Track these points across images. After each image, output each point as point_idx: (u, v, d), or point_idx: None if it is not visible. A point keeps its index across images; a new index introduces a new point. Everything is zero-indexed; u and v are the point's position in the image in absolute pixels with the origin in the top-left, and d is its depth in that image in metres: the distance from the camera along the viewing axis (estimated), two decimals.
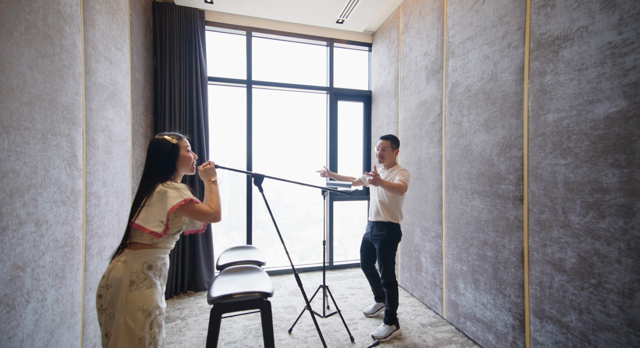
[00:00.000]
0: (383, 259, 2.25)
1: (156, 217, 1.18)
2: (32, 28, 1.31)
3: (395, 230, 2.27)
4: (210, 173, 1.40)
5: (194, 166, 1.38)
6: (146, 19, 2.90)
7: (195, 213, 1.24)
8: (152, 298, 1.18)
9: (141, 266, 1.18)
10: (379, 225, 2.30)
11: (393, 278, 2.26)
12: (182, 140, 1.36)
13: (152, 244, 1.22)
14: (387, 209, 2.27)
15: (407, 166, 2.99)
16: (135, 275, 1.16)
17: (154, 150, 1.28)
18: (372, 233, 2.35)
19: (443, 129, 2.46)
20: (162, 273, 1.27)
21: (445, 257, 2.43)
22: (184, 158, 1.33)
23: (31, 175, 1.29)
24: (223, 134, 3.74)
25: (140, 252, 1.19)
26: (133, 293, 1.14)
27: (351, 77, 4.02)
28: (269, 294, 1.54)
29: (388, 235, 2.25)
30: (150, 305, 1.17)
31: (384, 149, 2.32)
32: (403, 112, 3.08)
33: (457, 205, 2.27)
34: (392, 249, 2.27)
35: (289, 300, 2.87)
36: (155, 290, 1.20)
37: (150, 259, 1.21)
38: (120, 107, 2.26)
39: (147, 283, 1.17)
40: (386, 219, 2.26)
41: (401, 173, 2.17)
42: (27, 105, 1.27)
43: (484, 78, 2.02)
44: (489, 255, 1.98)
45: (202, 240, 3.15)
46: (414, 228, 2.88)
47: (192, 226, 1.30)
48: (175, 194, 1.19)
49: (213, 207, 1.30)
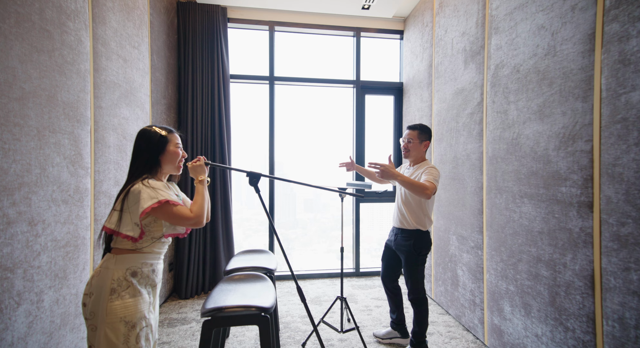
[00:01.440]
0: (410, 273, 1.93)
1: (132, 219, 1.06)
2: (25, 21, 1.27)
3: (423, 239, 1.93)
4: (198, 171, 1.25)
5: (181, 164, 1.24)
6: (169, 19, 2.91)
7: (171, 217, 1.10)
8: (135, 308, 1.05)
9: (124, 273, 1.06)
10: (404, 233, 1.97)
11: (422, 295, 1.94)
12: (172, 134, 1.22)
13: (135, 249, 1.10)
14: (412, 214, 1.93)
15: (441, 165, 2.62)
16: (117, 282, 1.04)
17: (138, 141, 1.16)
18: (396, 242, 2.02)
19: (484, 120, 2.07)
20: (151, 280, 1.14)
21: (486, 272, 2.05)
22: (171, 153, 1.19)
23: (23, 173, 1.25)
24: (245, 131, 3.68)
25: (123, 258, 1.08)
26: (114, 302, 1.02)
27: (380, 70, 3.71)
28: (267, 309, 1.35)
29: (415, 246, 1.91)
30: (133, 316, 1.04)
31: (410, 140, 1.93)
32: (437, 104, 2.71)
33: (502, 210, 1.88)
34: (421, 262, 1.93)
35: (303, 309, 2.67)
36: (141, 299, 1.07)
37: (135, 265, 1.09)
38: (137, 106, 2.25)
39: (130, 292, 1.05)
40: (412, 226, 1.93)
41: (429, 171, 1.81)
42: (18, 101, 1.23)
43: (537, 54, 1.63)
44: (544, 275, 1.58)
45: (222, 239, 3.10)
46: (449, 236, 2.50)
47: (172, 229, 1.16)
48: (149, 195, 1.06)
49: (194, 210, 1.15)
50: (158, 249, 1.16)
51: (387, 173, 1.73)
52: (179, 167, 1.23)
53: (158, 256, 1.17)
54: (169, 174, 1.25)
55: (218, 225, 3.07)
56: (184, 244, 2.93)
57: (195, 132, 3.02)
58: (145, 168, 1.13)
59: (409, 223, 1.94)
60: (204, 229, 3.04)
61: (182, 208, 1.12)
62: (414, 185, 1.70)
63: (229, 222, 3.13)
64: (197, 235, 2.99)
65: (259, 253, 2.23)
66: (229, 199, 3.12)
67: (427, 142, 1.95)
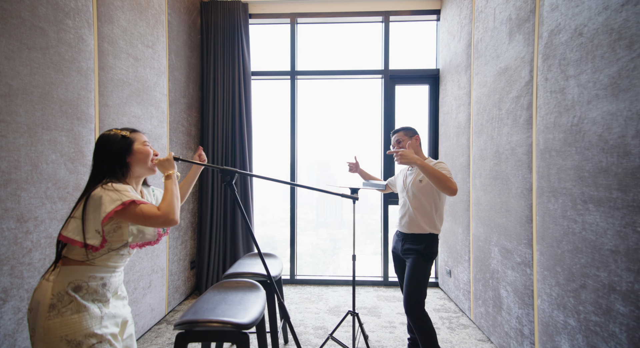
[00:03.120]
0: (412, 279, 1.65)
1: (92, 226, 0.95)
2: (13, 18, 1.27)
3: (436, 243, 1.71)
4: (165, 165, 1.12)
5: (154, 164, 1.12)
6: (190, 19, 2.93)
7: (139, 218, 0.97)
8: (79, 325, 0.93)
9: (65, 287, 0.94)
10: (414, 238, 1.72)
11: (422, 311, 1.63)
12: (137, 133, 1.12)
13: (84, 261, 0.98)
14: (425, 216, 1.68)
15: (480, 162, 2.19)
16: (57, 297, 0.92)
17: (97, 146, 1.06)
18: (403, 247, 1.77)
19: (533, 103, 1.63)
20: (100, 296, 1.00)
21: (537, 296, 1.61)
22: (139, 152, 1.08)
23: (10, 170, 1.26)
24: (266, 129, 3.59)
25: (68, 269, 0.96)
26: (53, 320, 0.90)
27: (412, 57, 3.33)
28: (245, 326, 1.17)
29: (427, 250, 1.66)
30: (77, 333, 0.92)
31: (399, 140, 1.82)
32: (476, 89, 2.28)
33: (557, 219, 1.45)
34: (428, 268, 1.68)
35: (324, 320, 2.45)
36: (87, 314, 0.95)
37: (80, 279, 0.96)
38: (151, 104, 2.26)
39: (72, 308, 0.93)
40: (425, 230, 1.68)
41: (440, 167, 1.61)
42: (4, 98, 1.24)
43: (609, 6, 1.19)
44: (621, 311, 1.15)
45: (242, 239, 3.03)
46: (489, 247, 2.07)
47: (140, 237, 1.04)
48: (111, 198, 0.94)
49: (162, 207, 1.01)
50: (113, 263, 1.03)
51: (405, 157, 1.53)
52: (152, 167, 1.12)
53: (112, 269, 1.04)
54: (143, 176, 1.14)
55: (238, 224, 3.01)
56: (205, 243, 2.93)
57: (216, 131, 3.00)
58: (109, 173, 1.03)
59: (420, 228, 1.68)
60: (224, 228, 3.00)
61: (149, 206, 0.99)
62: (438, 176, 1.48)
63: (249, 223, 3.06)
64: (217, 234, 2.97)
65: (266, 257, 2.08)
66: (250, 198, 3.04)
67: (417, 136, 1.84)
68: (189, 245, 2.89)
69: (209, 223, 2.96)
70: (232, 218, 3.02)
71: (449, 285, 2.86)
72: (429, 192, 1.68)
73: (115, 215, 0.95)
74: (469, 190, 2.40)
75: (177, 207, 1.04)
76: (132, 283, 2.04)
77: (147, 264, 2.21)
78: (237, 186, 2.99)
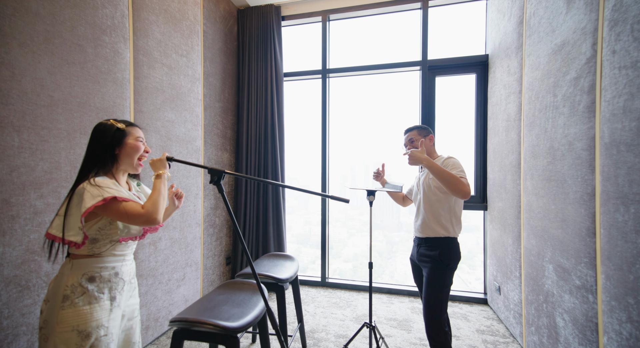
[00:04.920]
0: (429, 294, 1.46)
1: (75, 223, 0.99)
2: (55, 38, 1.46)
3: (453, 248, 1.48)
4: (157, 165, 1.15)
5: (140, 162, 1.15)
6: (226, 27, 3.08)
7: (121, 215, 1.00)
8: (91, 316, 0.99)
9: (79, 278, 1.00)
10: (428, 242, 1.53)
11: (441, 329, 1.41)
12: (133, 127, 1.14)
13: (92, 254, 1.04)
14: (438, 218, 1.50)
15: (533, 159, 1.83)
16: (71, 288, 0.99)
17: (92, 135, 1.09)
18: (419, 253, 1.59)
19: (597, 84, 1.28)
20: (113, 284, 1.06)
21: (603, 333, 1.26)
22: (130, 147, 1.10)
23: (51, 170, 1.44)
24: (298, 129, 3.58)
25: (80, 263, 1.02)
26: (66, 310, 0.97)
27: (455, 45, 2.98)
28: (235, 330, 1.15)
29: (442, 256, 1.46)
30: (88, 324, 0.98)
31: (412, 139, 1.68)
32: (528, 74, 1.92)
33: (629, 234, 1.10)
34: (449, 278, 1.46)
35: (348, 328, 2.32)
36: (98, 306, 1.01)
37: (92, 270, 1.03)
38: (185, 109, 2.43)
39: (85, 299, 0.99)
40: (439, 234, 1.49)
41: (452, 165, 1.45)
42: (47, 108, 1.43)
43: None
44: None
45: (273, 237, 3.07)
46: (543, 263, 1.71)
47: (126, 232, 1.07)
48: (92, 194, 0.97)
49: (146, 206, 1.03)
50: (120, 251, 1.09)
51: (413, 157, 1.40)
52: (137, 165, 1.14)
53: (121, 258, 1.10)
54: (127, 171, 1.16)
55: (269, 224, 3.06)
56: (239, 241, 3.05)
57: (250, 132, 3.11)
58: (97, 163, 1.06)
59: (434, 231, 1.50)
60: (257, 227, 3.08)
61: (132, 204, 1.01)
62: (446, 177, 1.32)
63: (280, 220, 3.08)
64: (250, 232, 3.06)
65: (283, 259, 2.05)
66: (280, 198, 3.07)
67: (432, 136, 1.69)
68: (224, 241, 3.03)
69: (242, 222, 3.07)
70: (264, 218, 3.08)
71: (498, 304, 2.47)
72: (441, 192, 1.50)
73: (96, 210, 0.98)
74: (519, 193, 2.03)
75: (161, 207, 1.05)
76: (166, 275, 2.21)
77: (180, 258, 2.37)
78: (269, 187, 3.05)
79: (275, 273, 1.72)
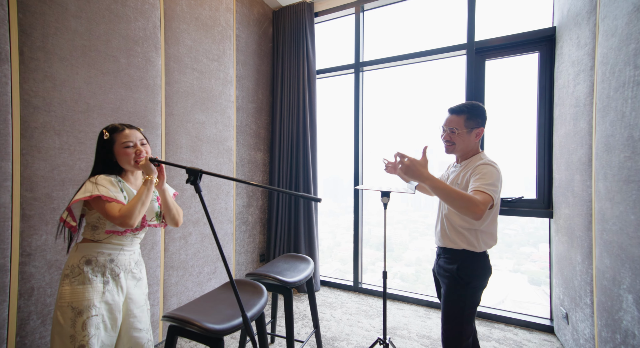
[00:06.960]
0: (448, 315, 1.21)
1: (77, 212, 1.17)
2: (91, 51, 1.65)
3: (475, 264, 1.20)
4: (146, 170, 1.18)
5: (138, 162, 1.19)
6: (261, 29, 3.16)
7: (103, 212, 1.12)
8: (83, 295, 1.11)
9: (78, 260, 1.14)
10: (447, 253, 1.27)
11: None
12: (119, 133, 1.19)
13: (94, 239, 1.17)
14: (458, 227, 1.23)
15: (607, 154, 1.40)
16: (70, 268, 1.14)
17: (97, 143, 1.24)
18: (438, 264, 1.35)
19: None
20: (108, 270, 1.16)
21: None
22: (118, 154, 1.19)
23: (88, 168, 1.63)
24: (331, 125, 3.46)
25: (83, 246, 1.17)
26: (64, 287, 1.11)
27: (509, 22, 2.52)
28: (217, 332, 1.12)
29: (461, 272, 1.19)
30: (80, 303, 1.10)
31: (453, 129, 1.29)
32: (602, 43, 1.48)
33: None
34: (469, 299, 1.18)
35: (373, 339, 2.14)
36: (90, 287, 1.12)
37: (90, 254, 1.15)
38: (216, 111, 2.55)
39: (80, 279, 1.12)
40: (458, 245, 1.22)
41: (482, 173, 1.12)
42: (83, 113, 1.62)
43: None
44: None
45: (304, 238, 3.03)
46: (619, 292, 1.29)
47: (111, 226, 1.17)
48: (86, 189, 1.11)
49: (122, 210, 1.11)
50: (117, 241, 1.19)
51: (410, 170, 1.10)
52: (135, 166, 1.21)
53: (119, 247, 1.20)
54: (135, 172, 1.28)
55: (300, 222, 3.03)
56: (272, 239, 3.09)
57: (282, 132, 3.12)
58: (102, 166, 1.20)
59: (452, 241, 1.24)
60: (288, 226, 3.08)
61: (113, 205, 1.11)
62: (454, 197, 1.04)
63: (312, 221, 3.03)
64: (282, 231, 3.08)
65: (299, 261, 1.98)
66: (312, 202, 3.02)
67: (481, 130, 1.29)
68: (257, 239, 3.11)
69: (275, 221, 3.10)
70: (295, 216, 3.06)
71: (566, 335, 1.99)
72: None
73: (89, 202, 1.14)
74: (590, 198, 1.59)
75: (136, 213, 1.11)
76: (196, 268, 2.34)
77: (211, 252, 2.49)
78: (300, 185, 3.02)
79: (283, 276, 1.66)
